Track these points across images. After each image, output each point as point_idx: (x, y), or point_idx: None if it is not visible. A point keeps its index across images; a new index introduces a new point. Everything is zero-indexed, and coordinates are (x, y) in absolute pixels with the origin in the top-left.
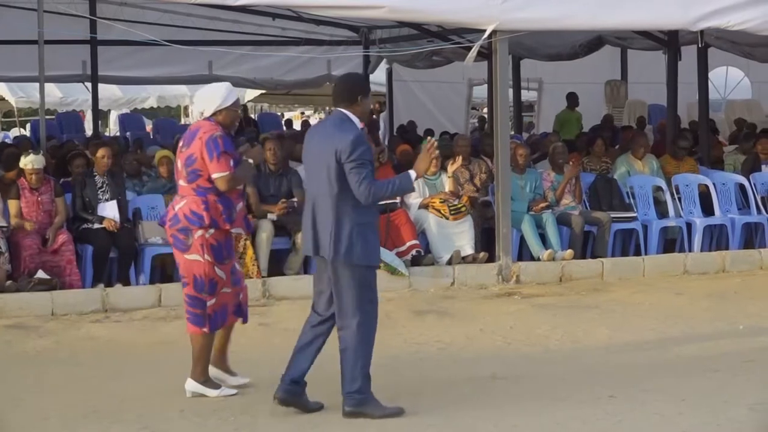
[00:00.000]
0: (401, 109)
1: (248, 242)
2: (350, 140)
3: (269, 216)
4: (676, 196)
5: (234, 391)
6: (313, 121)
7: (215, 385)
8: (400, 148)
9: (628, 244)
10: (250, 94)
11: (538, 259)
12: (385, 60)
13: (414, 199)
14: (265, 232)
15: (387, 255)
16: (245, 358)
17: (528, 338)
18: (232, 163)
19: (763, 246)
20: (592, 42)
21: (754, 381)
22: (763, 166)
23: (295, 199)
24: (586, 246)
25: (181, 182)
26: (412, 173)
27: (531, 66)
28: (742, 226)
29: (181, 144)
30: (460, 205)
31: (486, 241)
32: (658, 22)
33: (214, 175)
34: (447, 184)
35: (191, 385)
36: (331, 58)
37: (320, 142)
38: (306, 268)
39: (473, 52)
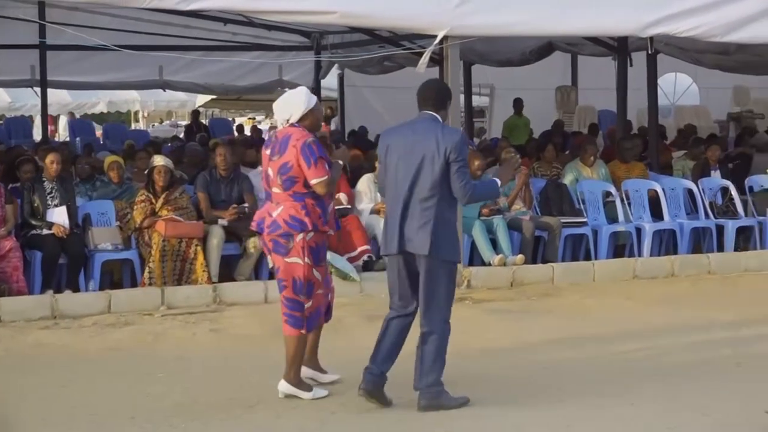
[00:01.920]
0: (353, 115)
1: (199, 248)
2: (458, 141)
3: (220, 221)
4: (625, 202)
5: (326, 393)
6: (263, 126)
7: (308, 387)
8: (351, 154)
9: (579, 249)
10: (201, 99)
11: (489, 265)
12: (336, 65)
13: (365, 205)
14: (216, 237)
15: (338, 260)
16: (196, 365)
17: (479, 343)
18: (327, 166)
19: (711, 250)
20: (543, 48)
21: (703, 385)
22: (712, 172)
23: (245, 205)
24: (536, 251)
25: (276, 189)
26: (498, 181)
27: (482, 72)
28: (690, 230)
29: (268, 152)
30: None
31: None
32: (608, 29)
33: (314, 181)
34: None
35: (285, 387)
36: (283, 63)
37: (417, 142)
38: (257, 273)
39: (425, 58)
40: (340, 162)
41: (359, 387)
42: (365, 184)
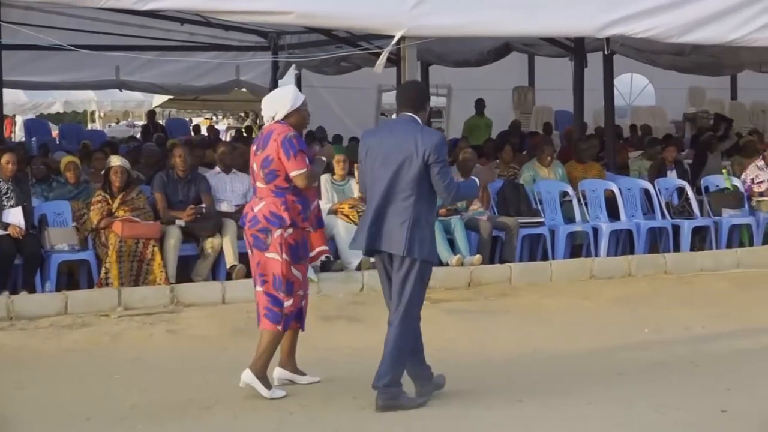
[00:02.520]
0: (310, 115)
1: (156, 248)
2: (438, 142)
3: (177, 222)
4: (582, 202)
5: (283, 393)
6: (220, 126)
7: (269, 385)
8: None
9: (536, 249)
10: (158, 99)
11: (447, 265)
12: (293, 66)
13: (323, 205)
14: (173, 238)
15: None
16: (153, 366)
17: (437, 343)
18: (307, 160)
19: (668, 250)
20: (500, 49)
21: (660, 384)
22: (669, 172)
23: (203, 206)
24: (494, 251)
25: (259, 184)
26: (477, 180)
27: (440, 72)
28: (647, 230)
29: (254, 148)
30: None
31: None
32: (565, 30)
33: (293, 173)
34: (356, 189)
35: (248, 376)
36: (240, 63)
37: (396, 143)
38: (214, 274)
39: (382, 59)
40: (323, 158)
41: (376, 406)
42: (322, 184)
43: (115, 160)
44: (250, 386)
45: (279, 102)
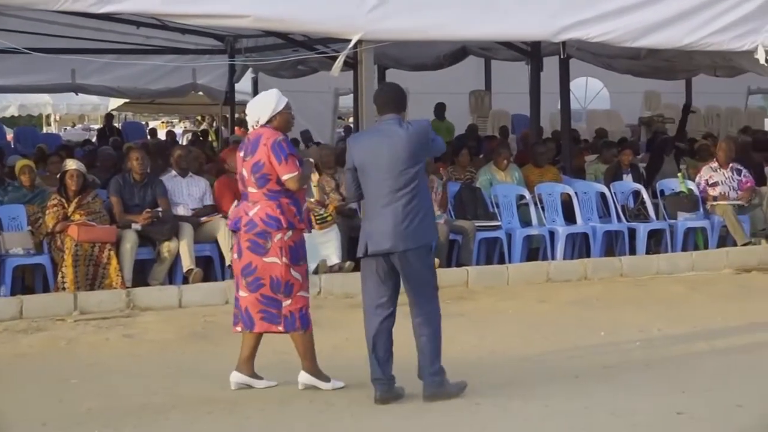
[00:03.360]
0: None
1: (112, 252)
2: (427, 125)
3: (133, 226)
4: (539, 205)
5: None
6: (177, 130)
7: (327, 378)
8: None
9: (493, 253)
10: (114, 103)
11: None
12: (250, 69)
13: None
14: (129, 242)
15: None
16: (110, 370)
17: (394, 346)
18: (297, 163)
19: (624, 253)
20: (457, 52)
21: (616, 386)
22: (624, 176)
23: (159, 209)
24: (451, 254)
25: (251, 189)
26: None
27: (396, 76)
28: (603, 234)
29: (241, 154)
30: (326, 215)
31: (352, 250)
32: (521, 34)
33: (285, 176)
34: (314, 193)
35: (305, 378)
36: (196, 67)
37: (387, 142)
38: (171, 278)
39: (339, 62)
40: (311, 159)
41: (375, 398)
42: None
43: (71, 164)
44: (310, 385)
45: (261, 107)
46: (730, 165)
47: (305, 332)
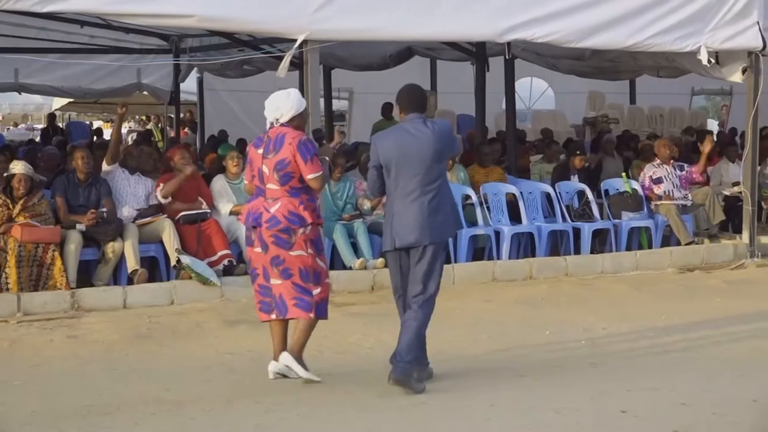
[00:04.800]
0: (212, 119)
1: (56, 253)
2: (449, 125)
3: (78, 226)
4: (484, 205)
5: (318, 379)
6: (122, 129)
7: (306, 367)
8: (209, 157)
9: None
10: (58, 102)
11: (350, 268)
12: (195, 69)
13: (224, 206)
14: (74, 242)
15: (198, 265)
16: (54, 372)
17: (340, 346)
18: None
19: (569, 253)
20: (402, 53)
21: (561, 385)
22: (571, 176)
23: (104, 209)
24: None
25: (271, 185)
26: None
27: (342, 76)
28: (548, 233)
29: (261, 151)
30: None
31: None
32: (467, 34)
33: (310, 176)
34: None
35: (285, 358)
36: (141, 66)
37: (413, 141)
38: (116, 278)
39: (285, 62)
40: (326, 158)
41: (389, 377)
42: (219, 185)
43: (19, 167)
44: (287, 368)
45: (285, 105)
46: (672, 162)
47: (314, 319)
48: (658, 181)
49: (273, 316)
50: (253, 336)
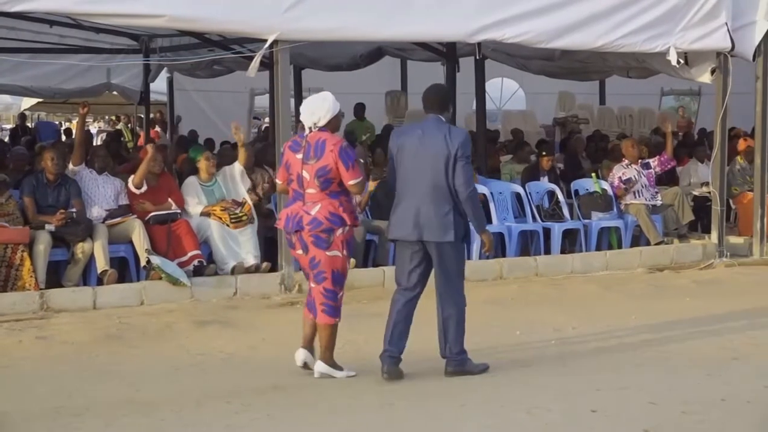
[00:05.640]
0: (183, 119)
1: (25, 253)
2: (464, 139)
3: (47, 227)
4: None
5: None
6: (92, 129)
7: (340, 368)
8: (180, 158)
9: None
10: (27, 102)
11: None
12: (165, 69)
13: (194, 207)
14: (43, 243)
15: (168, 265)
16: (23, 373)
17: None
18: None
19: (539, 253)
20: (373, 53)
21: (531, 385)
22: (542, 177)
23: (73, 210)
24: (367, 255)
25: (311, 190)
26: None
27: (313, 76)
28: (518, 233)
29: (300, 156)
30: (241, 214)
31: (269, 250)
32: (438, 35)
33: (351, 182)
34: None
35: (321, 367)
36: (111, 66)
37: (427, 142)
38: (85, 279)
39: (255, 62)
40: (361, 160)
41: (382, 371)
42: (191, 187)
43: None
44: (325, 375)
45: (321, 110)
46: (639, 161)
47: (337, 322)
48: (627, 181)
49: (312, 315)
50: (223, 336)
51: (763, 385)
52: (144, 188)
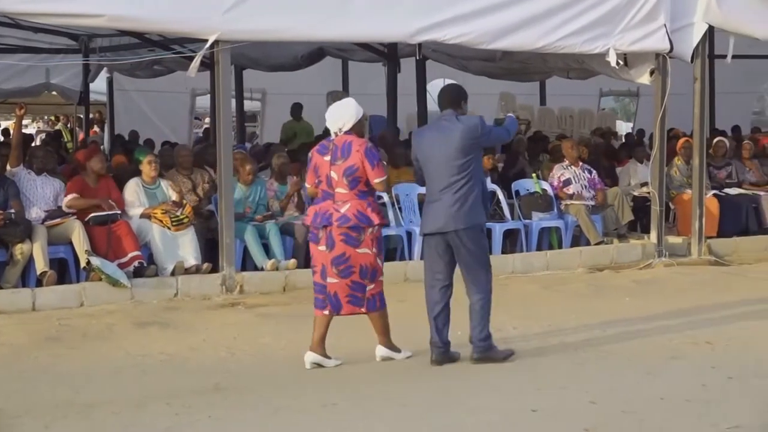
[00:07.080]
0: (123, 119)
1: None
2: (477, 121)
3: None
4: (396, 206)
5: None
6: (30, 130)
7: (398, 349)
8: (116, 160)
9: None
10: None
11: (262, 269)
12: (105, 69)
13: (135, 210)
14: None
15: (108, 266)
16: None
17: (252, 348)
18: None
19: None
20: (314, 53)
21: (472, 384)
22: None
23: (12, 210)
24: (308, 255)
25: (340, 190)
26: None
27: (254, 76)
28: None
29: (328, 158)
30: (182, 216)
31: (210, 251)
32: (378, 35)
33: (377, 180)
34: (173, 194)
35: (382, 351)
36: (50, 66)
37: (444, 136)
38: (24, 280)
39: (195, 63)
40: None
41: (431, 360)
42: (133, 189)
43: None
44: (386, 357)
45: (347, 115)
46: (580, 164)
47: (383, 311)
48: (567, 182)
49: (326, 312)
50: (164, 338)
51: (701, 383)
52: (73, 211)
